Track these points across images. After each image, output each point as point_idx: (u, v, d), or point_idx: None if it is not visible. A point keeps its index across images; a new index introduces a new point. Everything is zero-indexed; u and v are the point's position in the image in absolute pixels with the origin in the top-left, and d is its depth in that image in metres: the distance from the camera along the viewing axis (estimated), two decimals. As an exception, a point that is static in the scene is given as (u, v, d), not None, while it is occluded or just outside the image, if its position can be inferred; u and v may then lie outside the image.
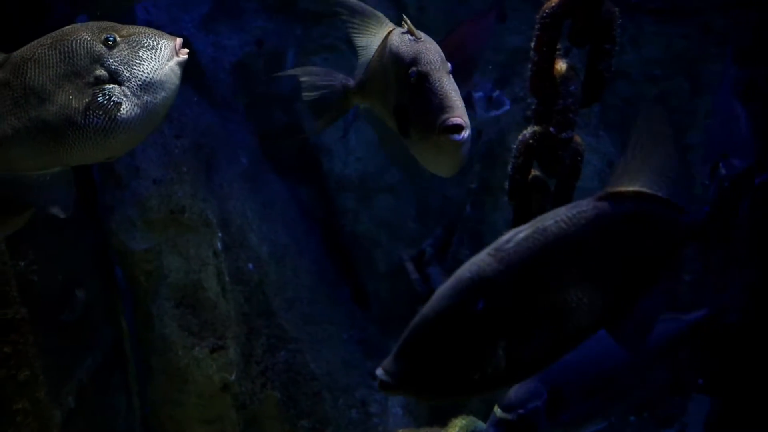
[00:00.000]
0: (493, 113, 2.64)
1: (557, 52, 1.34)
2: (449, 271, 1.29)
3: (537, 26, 1.30)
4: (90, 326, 2.54)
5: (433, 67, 1.33)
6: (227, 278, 2.72)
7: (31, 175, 1.46)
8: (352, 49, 3.38)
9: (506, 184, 1.45)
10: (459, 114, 1.30)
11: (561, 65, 1.34)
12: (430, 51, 1.36)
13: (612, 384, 1.95)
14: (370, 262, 3.33)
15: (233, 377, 2.65)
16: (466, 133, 1.29)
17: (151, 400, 2.70)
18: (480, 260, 1.08)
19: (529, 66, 1.37)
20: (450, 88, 1.32)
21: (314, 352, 2.86)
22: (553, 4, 1.25)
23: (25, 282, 2.07)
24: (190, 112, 2.88)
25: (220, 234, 2.75)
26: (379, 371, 1.08)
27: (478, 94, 2.62)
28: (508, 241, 1.08)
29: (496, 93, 2.64)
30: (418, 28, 1.52)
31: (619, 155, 2.97)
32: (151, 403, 2.69)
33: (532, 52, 1.34)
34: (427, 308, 1.08)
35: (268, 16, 3.28)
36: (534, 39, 1.32)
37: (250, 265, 2.81)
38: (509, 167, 1.42)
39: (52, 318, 2.31)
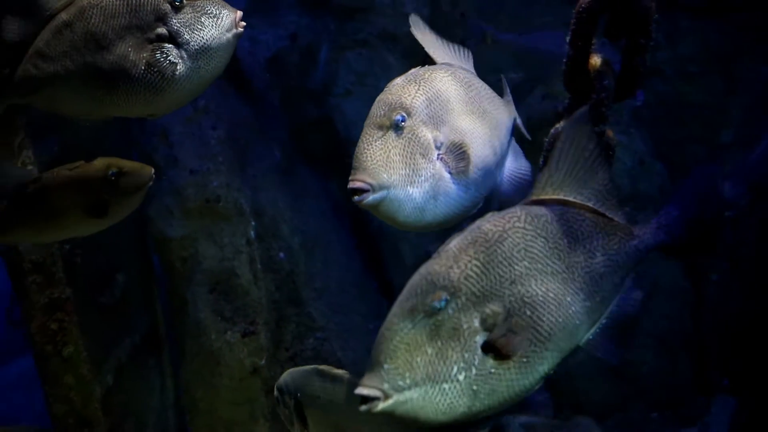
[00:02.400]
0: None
1: (592, 47, 1.36)
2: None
3: (573, 20, 1.32)
4: (128, 309, 2.64)
5: (367, 120, 1.32)
6: (259, 266, 2.79)
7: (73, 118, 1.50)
8: (386, 45, 3.39)
9: (536, 179, 1.47)
10: (358, 176, 1.27)
11: (596, 59, 1.35)
12: (379, 101, 1.33)
13: None
14: (396, 255, 3.36)
15: (263, 362, 2.72)
16: (368, 197, 1.25)
17: (184, 381, 2.79)
18: (428, 264, 1.15)
19: (564, 60, 1.38)
20: (364, 144, 1.28)
21: (341, 341, 2.91)
22: (590, -1, 1.27)
23: (70, 264, 2.17)
24: (227, 104, 2.96)
25: (253, 223, 2.82)
26: (360, 389, 1.11)
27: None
28: (448, 242, 1.16)
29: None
30: (451, 25, 1.53)
31: (651, 154, 2.94)
32: (185, 384, 2.78)
33: (567, 47, 1.36)
34: (387, 320, 1.13)
35: (302, 11, 3.33)
36: (569, 33, 1.33)
37: (282, 255, 2.88)
38: (540, 161, 1.44)
39: (93, 300, 2.41)
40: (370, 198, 1.28)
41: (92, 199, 1.69)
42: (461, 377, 1.11)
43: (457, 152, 1.32)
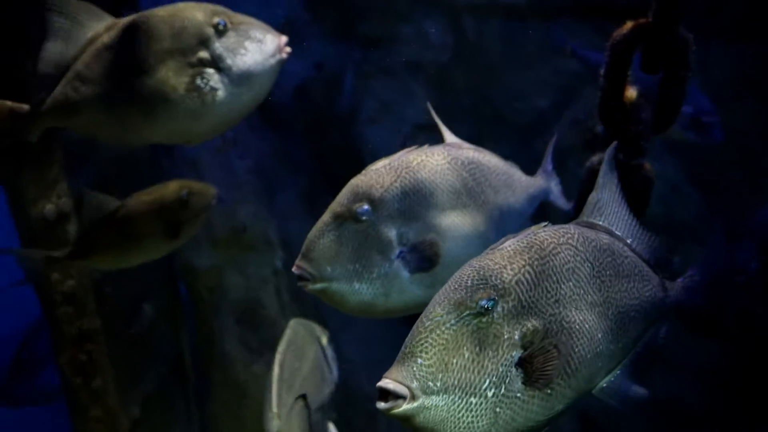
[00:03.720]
0: (691, 137, 2.17)
1: (627, 79, 1.33)
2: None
3: (607, 53, 1.30)
4: (155, 339, 2.64)
5: (333, 203, 1.26)
6: (286, 297, 2.78)
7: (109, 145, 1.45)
8: (410, 73, 3.39)
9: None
10: (302, 263, 1.22)
11: (631, 92, 1.32)
12: (350, 185, 1.27)
13: None
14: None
15: (290, 394, 2.69)
16: (309, 285, 1.19)
17: (210, 412, 2.77)
18: (481, 258, 1.07)
19: (599, 92, 1.36)
20: (317, 231, 1.23)
21: (369, 373, 2.87)
22: (625, 30, 1.25)
23: (100, 294, 2.19)
24: (254, 134, 2.99)
25: (280, 253, 2.82)
26: (386, 382, 1.00)
27: (686, 109, 2.25)
28: (503, 241, 1.09)
29: (710, 117, 2.16)
30: (477, 54, 1.50)
31: (685, 180, 2.87)
32: (211, 416, 2.76)
33: (601, 79, 1.34)
34: (429, 309, 1.03)
35: (327, 41, 3.37)
36: (604, 65, 1.31)
37: (308, 284, 2.87)
38: (577, 194, 1.40)
39: (121, 330, 2.42)
40: (310, 287, 1.25)
41: (169, 221, 1.75)
42: (490, 393, 1.03)
43: (424, 252, 1.25)
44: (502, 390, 1.03)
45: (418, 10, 3.19)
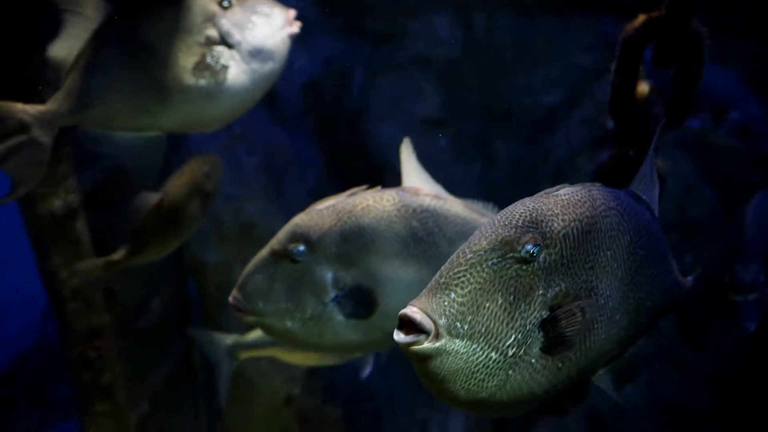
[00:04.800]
0: (737, 144, 1.99)
1: (639, 74, 1.31)
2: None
3: (618, 49, 1.28)
4: (163, 335, 2.65)
5: (273, 238, 1.26)
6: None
7: (125, 137, 1.41)
8: (419, 69, 3.37)
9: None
10: (237, 294, 1.21)
11: (643, 87, 1.30)
12: (290, 223, 1.26)
13: None
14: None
15: (297, 391, 2.69)
16: (243, 317, 1.15)
17: (218, 408, 2.78)
18: (533, 199, 1.00)
19: (610, 88, 1.33)
20: (254, 266, 1.22)
21: (373, 371, 2.86)
22: (637, 24, 1.22)
23: (108, 291, 2.19)
24: (262, 130, 2.98)
25: (288, 249, 2.81)
26: (413, 311, 0.91)
27: (733, 114, 2.00)
28: (559, 189, 1.03)
29: (761, 126, 1.98)
30: (487, 50, 1.45)
31: (699, 179, 2.83)
32: (218, 412, 2.77)
33: (612, 75, 1.31)
34: (473, 240, 0.95)
35: (336, 37, 3.36)
36: (615, 61, 1.29)
37: (316, 281, 2.86)
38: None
39: (130, 325, 2.42)
40: (245, 319, 1.24)
41: (203, 197, 1.84)
42: (510, 352, 0.94)
43: (360, 299, 1.22)
44: (522, 351, 0.95)
45: (427, 6, 3.17)
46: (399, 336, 0.92)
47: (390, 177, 3.68)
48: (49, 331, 2.82)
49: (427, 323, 0.92)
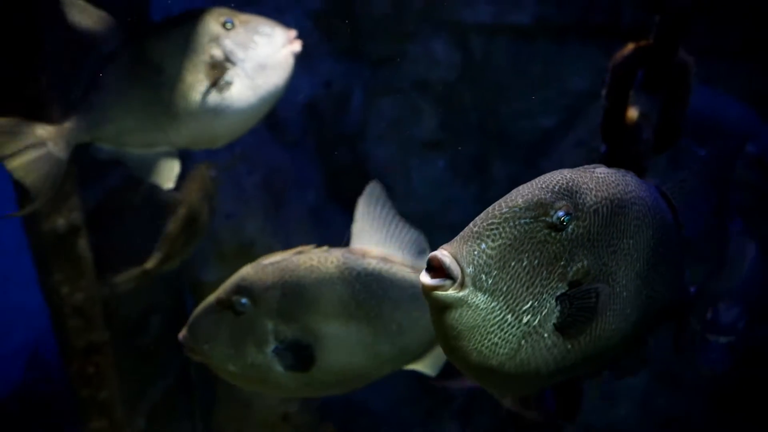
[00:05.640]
0: (753, 178, 1.96)
1: (629, 99, 1.36)
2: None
3: (609, 74, 1.33)
4: (162, 352, 2.66)
5: (221, 287, 1.34)
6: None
7: (137, 152, 1.50)
8: (418, 91, 3.43)
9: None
10: (186, 334, 1.28)
11: (633, 112, 1.35)
12: (237, 275, 1.33)
13: None
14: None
15: (293, 408, 2.69)
16: (189, 354, 1.22)
17: (215, 425, 2.77)
18: (571, 171, 1.00)
19: (601, 113, 1.38)
20: (201, 311, 1.29)
21: (373, 388, 2.86)
22: (626, 52, 1.28)
23: (108, 307, 2.21)
24: (263, 150, 3.03)
25: (286, 267, 2.83)
26: (443, 254, 0.90)
27: (749, 148, 1.95)
28: (594, 168, 1.02)
29: None
30: (484, 73, 1.48)
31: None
32: (215, 429, 2.76)
33: (603, 100, 1.36)
34: (510, 197, 0.96)
35: (336, 59, 3.43)
36: (606, 86, 1.34)
37: (314, 299, 2.88)
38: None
39: (129, 342, 2.43)
40: (193, 357, 1.32)
41: (210, 202, 1.98)
42: (525, 319, 0.93)
43: (298, 354, 1.27)
44: (536, 321, 0.94)
45: (425, 30, 3.24)
46: (426, 278, 0.92)
47: (388, 195, 3.70)
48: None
49: (455, 269, 0.91)
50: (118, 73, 1.48)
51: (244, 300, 1.28)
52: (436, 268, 0.92)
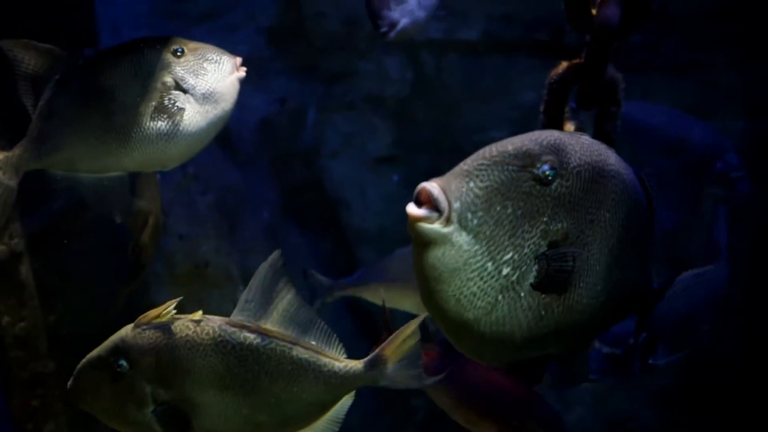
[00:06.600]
0: (720, 192, 2.11)
1: (565, 114, 1.40)
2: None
3: (545, 91, 1.37)
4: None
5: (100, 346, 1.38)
6: (248, 332, 2.76)
7: (89, 177, 1.51)
8: (371, 107, 3.47)
9: None
10: (72, 384, 1.34)
11: (569, 127, 1.39)
12: (111, 340, 1.38)
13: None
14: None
15: None
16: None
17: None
18: (560, 132, 1.02)
19: (540, 128, 1.42)
20: (84, 371, 1.35)
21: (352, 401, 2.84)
22: (560, 70, 1.32)
23: (54, 336, 2.14)
24: (216, 170, 3.00)
25: (241, 288, 2.80)
26: (432, 185, 0.91)
27: (717, 164, 2.11)
28: (583, 134, 1.04)
29: (738, 172, 2.12)
30: (436, 89, 1.54)
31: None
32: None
33: (541, 115, 1.40)
34: (501, 143, 0.96)
35: (290, 76, 3.44)
36: (543, 102, 1.38)
37: (271, 319, 2.85)
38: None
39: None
40: (80, 406, 1.37)
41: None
42: (504, 271, 0.93)
43: (175, 418, 1.31)
44: (515, 276, 0.94)
45: (378, 47, 3.29)
46: (412, 208, 0.91)
47: (343, 211, 3.72)
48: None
49: (442, 201, 0.91)
50: (69, 100, 1.49)
51: (122, 361, 1.32)
52: (423, 202, 0.92)
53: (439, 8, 1.86)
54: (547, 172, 0.97)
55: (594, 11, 1.24)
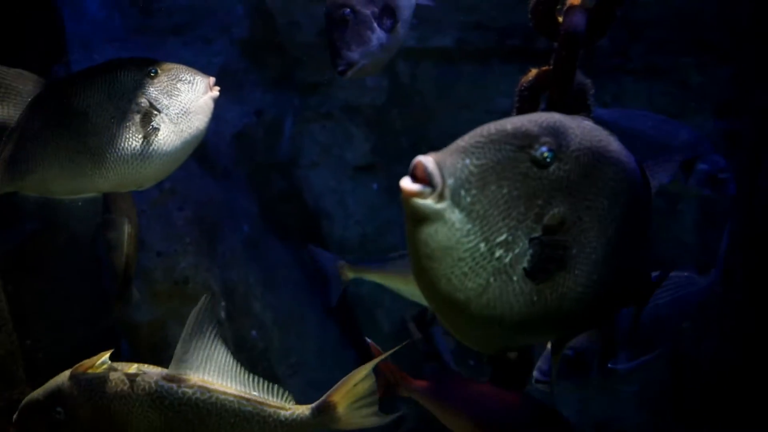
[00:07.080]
0: (707, 192, 2.15)
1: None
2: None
3: (516, 98, 1.39)
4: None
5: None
6: (231, 347, 2.73)
7: (64, 199, 1.52)
8: (348, 116, 3.47)
9: None
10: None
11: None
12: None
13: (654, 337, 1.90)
14: (373, 323, 3.33)
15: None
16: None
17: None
18: (561, 114, 0.99)
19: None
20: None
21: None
22: (530, 77, 1.34)
23: (31, 361, 2.09)
24: (193, 184, 2.97)
25: (223, 303, 2.78)
26: (427, 159, 0.88)
27: (701, 166, 2.13)
28: (584, 119, 1.01)
29: (725, 174, 2.14)
30: (412, 96, 1.57)
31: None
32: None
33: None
34: (500, 122, 0.93)
35: (266, 88, 3.43)
36: (514, 109, 1.40)
37: (254, 333, 2.83)
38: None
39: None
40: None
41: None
42: (497, 253, 0.90)
43: None
44: (508, 258, 0.91)
45: (352, 56, 3.29)
46: (406, 183, 0.89)
47: (324, 220, 3.71)
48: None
49: (437, 175, 0.90)
50: (42, 122, 1.48)
51: (59, 408, 1.33)
52: (419, 177, 0.90)
53: (402, 45, 1.87)
54: (545, 154, 0.95)
55: (560, 19, 1.26)
